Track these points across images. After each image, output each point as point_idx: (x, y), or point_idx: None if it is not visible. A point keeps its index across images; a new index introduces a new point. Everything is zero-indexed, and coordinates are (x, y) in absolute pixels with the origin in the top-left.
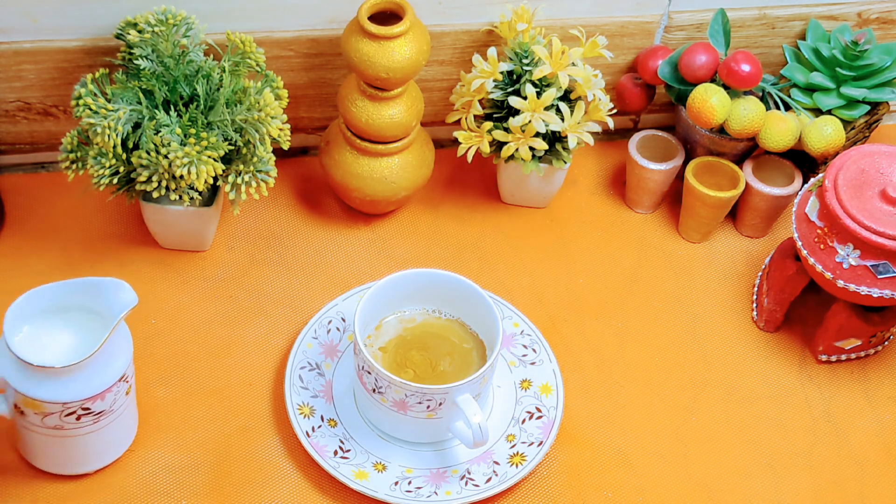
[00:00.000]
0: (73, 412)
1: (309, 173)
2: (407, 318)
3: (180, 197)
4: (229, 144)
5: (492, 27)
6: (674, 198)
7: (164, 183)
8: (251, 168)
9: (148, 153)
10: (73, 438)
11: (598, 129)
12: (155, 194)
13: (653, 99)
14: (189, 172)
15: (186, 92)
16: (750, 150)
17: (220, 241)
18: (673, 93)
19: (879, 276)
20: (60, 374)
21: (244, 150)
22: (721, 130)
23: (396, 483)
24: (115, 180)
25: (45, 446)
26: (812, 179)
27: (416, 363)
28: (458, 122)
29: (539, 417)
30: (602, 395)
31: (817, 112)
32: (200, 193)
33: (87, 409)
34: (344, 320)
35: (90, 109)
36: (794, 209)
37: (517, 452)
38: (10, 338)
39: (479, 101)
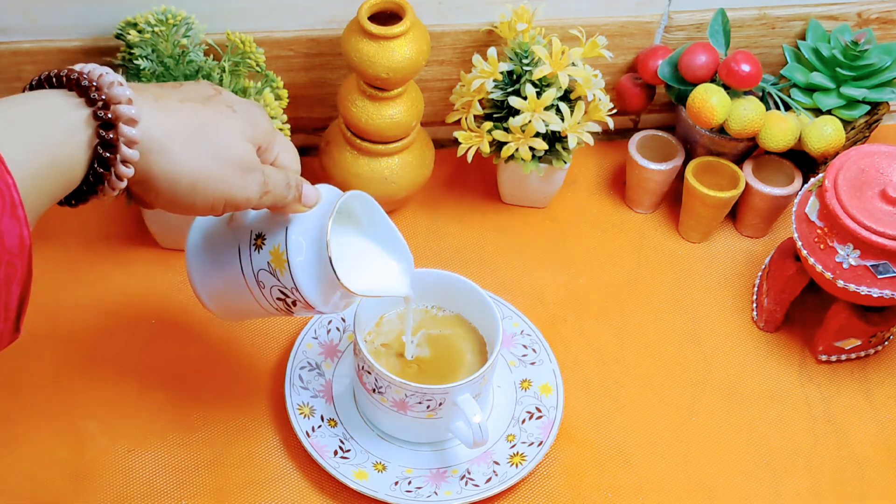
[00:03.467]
0: (290, 299)
1: (309, 173)
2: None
3: None
4: None
5: (492, 27)
6: (674, 198)
7: None
8: None
9: None
10: (251, 299)
11: (598, 129)
12: None
13: (653, 99)
14: None
15: None
16: (750, 150)
17: None
18: (673, 93)
19: (879, 276)
20: (336, 284)
21: None
22: (721, 130)
23: (396, 483)
24: None
25: (230, 285)
26: (812, 179)
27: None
28: (458, 122)
29: (539, 417)
30: (602, 395)
31: (817, 112)
32: None
33: (296, 304)
34: (344, 320)
35: None
36: (794, 209)
37: (517, 452)
38: (332, 235)
39: (479, 101)
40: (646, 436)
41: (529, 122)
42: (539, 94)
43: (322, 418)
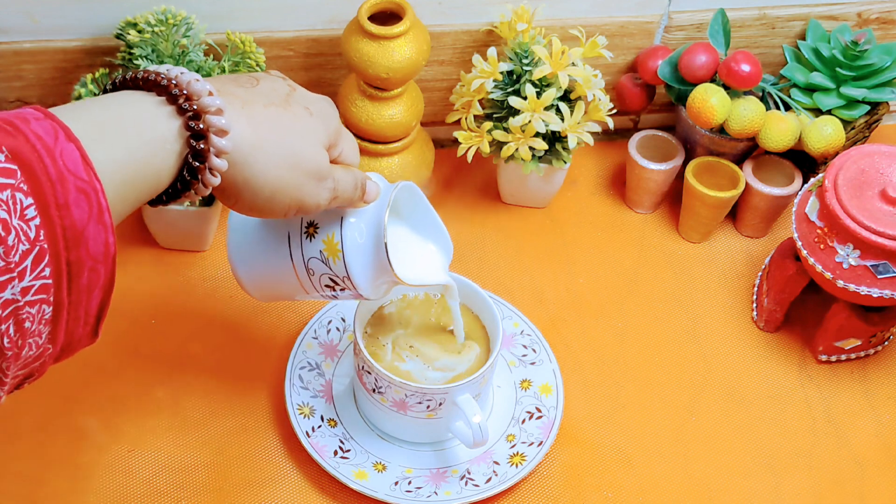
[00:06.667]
0: (339, 286)
1: None
2: (406, 317)
3: None
4: None
5: (492, 27)
6: (674, 198)
7: None
8: None
9: None
10: (297, 285)
11: (598, 129)
12: None
13: (653, 99)
14: None
15: None
16: (750, 150)
17: (220, 241)
18: (673, 93)
19: (879, 276)
20: (388, 275)
21: None
22: (721, 130)
23: (396, 483)
24: None
25: (276, 270)
26: (812, 179)
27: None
28: (458, 122)
29: (539, 417)
30: (602, 395)
31: (817, 112)
32: None
33: (344, 290)
34: (344, 320)
35: None
36: (794, 209)
37: (517, 452)
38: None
39: (479, 101)
40: (646, 436)
41: (529, 122)
42: (539, 94)
43: (322, 418)
